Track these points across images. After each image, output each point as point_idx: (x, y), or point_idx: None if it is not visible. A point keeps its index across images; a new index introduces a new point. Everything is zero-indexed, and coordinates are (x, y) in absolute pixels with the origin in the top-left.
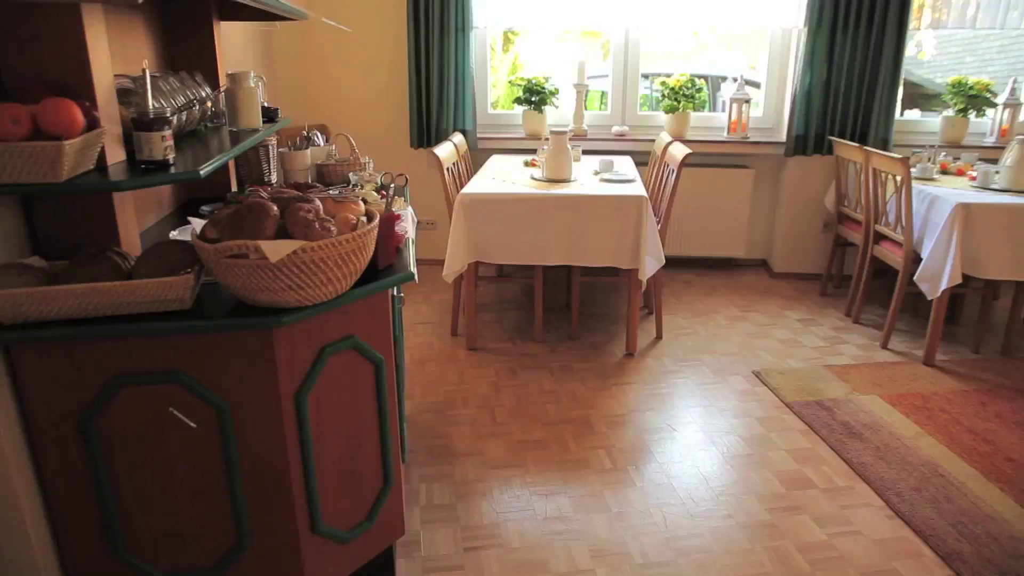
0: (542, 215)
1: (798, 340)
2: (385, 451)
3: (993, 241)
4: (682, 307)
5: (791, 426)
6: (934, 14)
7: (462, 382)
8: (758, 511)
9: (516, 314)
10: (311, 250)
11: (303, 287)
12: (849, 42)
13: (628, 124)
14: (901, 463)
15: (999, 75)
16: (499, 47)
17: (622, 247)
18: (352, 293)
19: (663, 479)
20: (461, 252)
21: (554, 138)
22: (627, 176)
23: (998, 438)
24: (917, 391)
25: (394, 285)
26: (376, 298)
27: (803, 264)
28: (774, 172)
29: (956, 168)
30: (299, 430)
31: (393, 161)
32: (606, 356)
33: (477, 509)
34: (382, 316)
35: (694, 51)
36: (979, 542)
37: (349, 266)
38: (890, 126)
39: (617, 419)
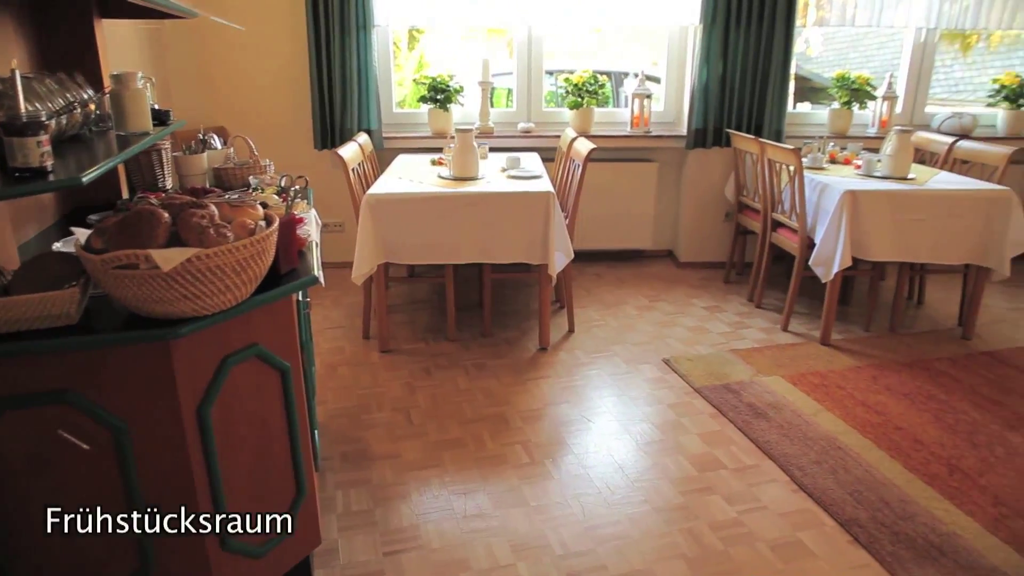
0: (450, 214)
1: (705, 327)
2: (297, 460)
3: (878, 225)
4: (593, 300)
5: (701, 410)
6: (819, 12)
7: (376, 385)
8: (672, 495)
9: (428, 314)
10: (206, 257)
11: (200, 296)
12: (742, 39)
13: (534, 121)
14: (803, 439)
15: (879, 70)
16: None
17: (531, 243)
18: (253, 300)
19: (580, 470)
20: (369, 254)
21: (460, 136)
22: (534, 172)
23: (888, 409)
24: (815, 369)
25: (298, 290)
26: (279, 304)
27: (707, 253)
28: (676, 165)
29: (843, 157)
30: (203, 445)
31: (297, 163)
32: (520, 352)
33: (396, 512)
34: (286, 322)
35: (598, 48)
36: (874, 507)
37: (248, 272)
38: (783, 118)
39: (533, 414)
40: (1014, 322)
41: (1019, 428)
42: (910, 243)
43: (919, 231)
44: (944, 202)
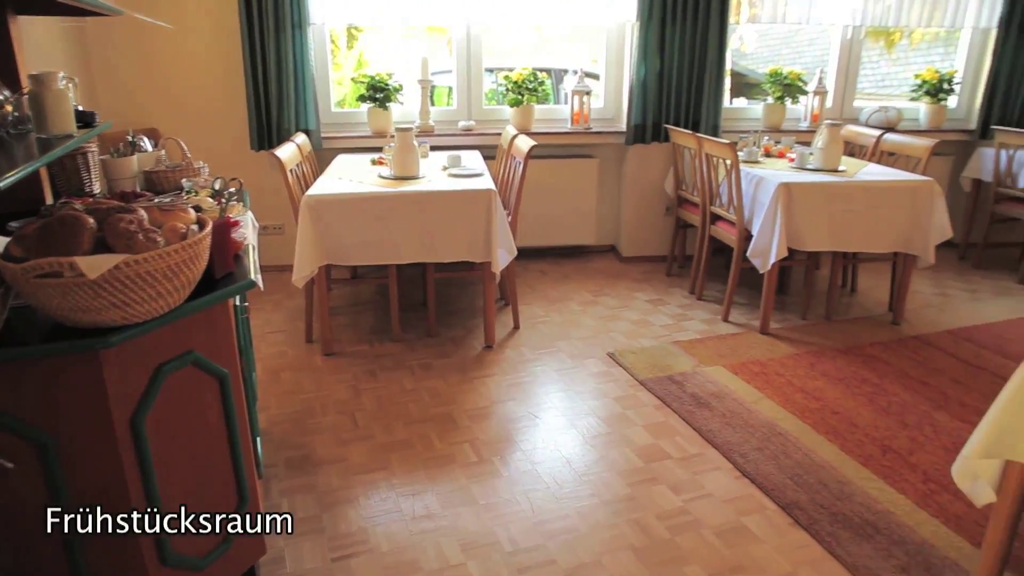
0: (392, 213)
1: (648, 320)
2: (238, 468)
3: (811, 217)
4: (537, 296)
5: (645, 402)
6: (751, 9)
7: (320, 389)
8: (619, 486)
9: (372, 315)
10: (135, 263)
11: (130, 304)
12: (678, 35)
13: (475, 119)
14: (744, 426)
15: (810, 66)
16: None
17: (474, 241)
18: (187, 306)
19: (528, 466)
20: (310, 255)
21: (400, 135)
22: (475, 170)
23: (825, 395)
24: (755, 358)
25: (235, 295)
26: (215, 310)
27: (649, 247)
28: (617, 160)
29: (778, 151)
30: (138, 457)
31: (233, 165)
32: (465, 350)
33: (343, 517)
34: (223, 328)
35: (538, 45)
36: (813, 489)
37: (180, 278)
38: (719, 114)
39: (480, 412)
40: (939, 307)
41: (945, 408)
42: (842, 233)
43: (850, 221)
44: (872, 193)
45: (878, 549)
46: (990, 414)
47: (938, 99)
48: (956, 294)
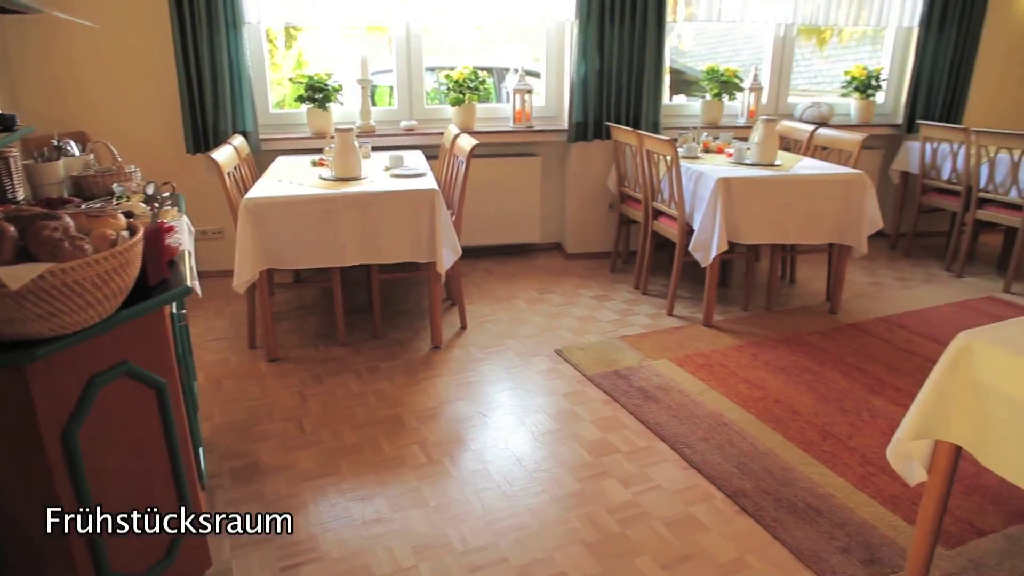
0: (334, 215)
1: (594, 316)
2: (179, 480)
3: (750, 210)
4: (484, 295)
5: (593, 397)
6: (687, 8)
7: (265, 396)
8: (569, 482)
9: (317, 319)
10: (61, 273)
11: (57, 315)
12: (616, 34)
13: (416, 118)
14: (690, 418)
15: (746, 63)
16: (281, 44)
17: (418, 241)
18: (120, 315)
19: (478, 465)
20: (250, 260)
21: (340, 136)
22: (418, 170)
23: (767, 384)
24: (700, 351)
25: (170, 302)
26: (150, 318)
27: (593, 244)
28: (560, 158)
29: (716, 146)
30: (71, 473)
31: (168, 168)
32: (413, 351)
33: (293, 526)
34: (159, 336)
35: (480, 44)
36: (758, 477)
37: (111, 286)
38: (659, 111)
39: (429, 413)
40: (873, 295)
41: (881, 392)
42: (779, 226)
43: (787, 214)
44: (807, 186)
45: (821, 532)
46: (919, 397)
47: (867, 95)
48: (888, 282)
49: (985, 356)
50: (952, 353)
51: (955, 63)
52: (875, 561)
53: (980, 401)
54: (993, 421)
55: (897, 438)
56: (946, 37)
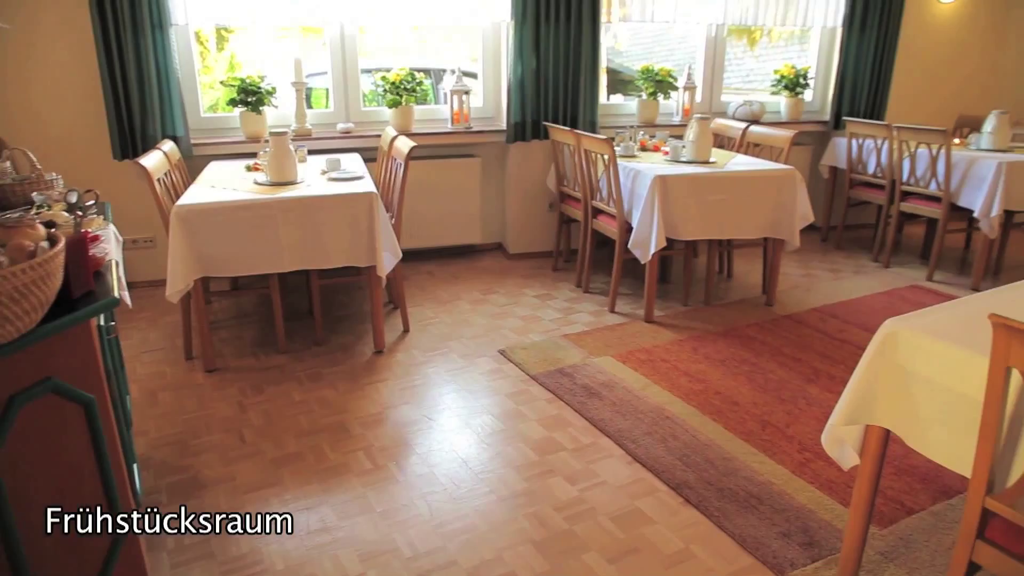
0: (270, 221)
1: (537, 315)
2: (112, 500)
3: (686, 207)
4: (426, 298)
5: (538, 396)
6: (622, 8)
7: (203, 407)
8: (516, 481)
9: (256, 327)
10: None
11: None
12: (552, 34)
13: (353, 121)
14: (634, 413)
15: (682, 62)
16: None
17: (357, 245)
18: (41, 330)
19: (425, 469)
20: (183, 268)
21: (275, 140)
22: (356, 173)
23: (708, 376)
24: (642, 346)
25: (96, 314)
26: (75, 332)
27: (535, 243)
28: (499, 159)
29: (653, 145)
30: None
31: (94, 176)
32: (355, 357)
33: (234, 539)
34: (86, 351)
35: (418, 45)
36: (700, 468)
37: (30, 300)
38: (596, 110)
39: (373, 418)
40: (807, 287)
41: (816, 381)
42: (715, 222)
43: (722, 210)
44: (741, 182)
45: (762, 519)
46: (850, 384)
47: (796, 93)
48: (821, 274)
49: (908, 342)
50: (878, 341)
51: (876, 62)
52: (814, 544)
53: (905, 385)
54: (917, 404)
55: (830, 424)
56: (867, 37)
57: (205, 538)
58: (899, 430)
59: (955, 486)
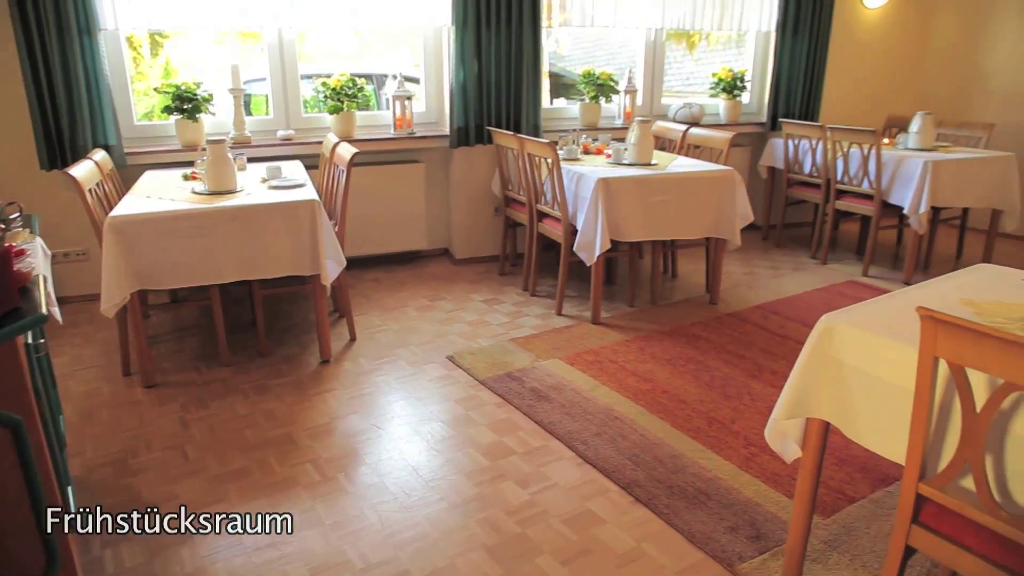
0: (209, 231)
1: (485, 320)
2: (44, 526)
3: (630, 209)
4: (373, 305)
5: (487, 401)
6: (562, 14)
7: (143, 425)
8: (467, 488)
9: (198, 340)
10: None
11: None
12: (494, 39)
13: (294, 127)
14: (583, 414)
15: (623, 66)
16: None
17: (300, 254)
18: None
19: (374, 479)
20: (118, 282)
21: (212, 148)
22: (297, 181)
23: (655, 376)
24: (589, 348)
25: (21, 332)
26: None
27: (481, 248)
28: (443, 164)
29: (595, 148)
30: None
31: (20, 188)
32: (301, 367)
33: (177, 560)
34: (12, 370)
35: (360, 50)
36: (649, 467)
37: None
38: (539, 114)
39: (321, 429)
40: (748, 285)
41: (759, 377)
42: (658, 223)
43: (665, 211)
44: (682, 184)
45: (710, 514)
46: (790, 379)
47: (733, 95)
48: (762, 272)
49: (844, 336)
50: (816, 336)
51: (809, 65)
52: (761, 536)
53: (841, 378)
54: (853, 396)
55: (772, 419)
56: (800, 41)
57: (146, 560)
58: (837, 422)
59: (893, 474)
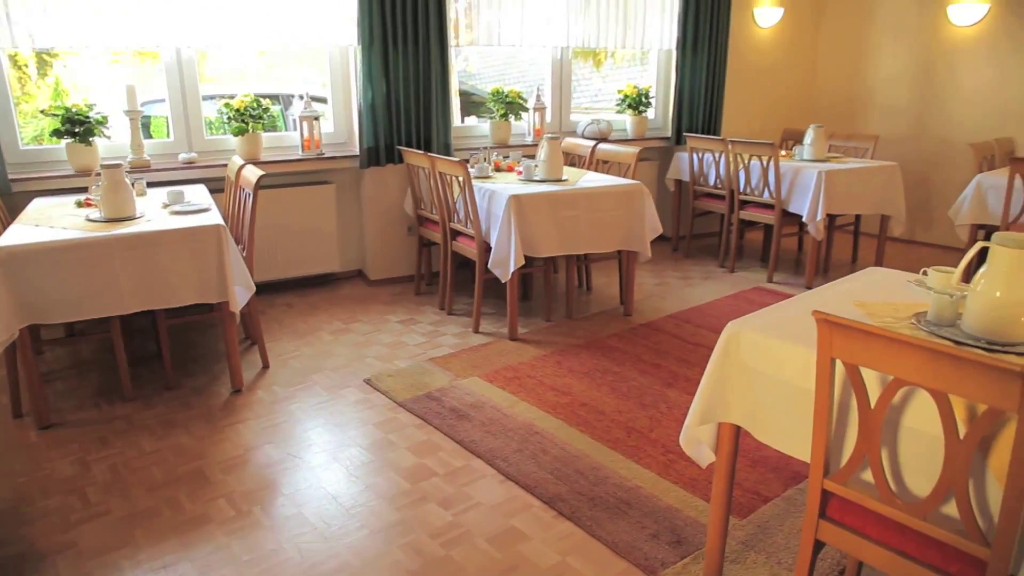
0: (106, 260)
1: (402, 341)
2: None
3: (542, 224)
4: (285, 331)
5: (407, 423)
6: (469, 33)
7: (37, 469)
8: (388, 513)
9: (98, 375)
10: None
11: None
12: (401, 58)
13: (196, 150)
14: (504, 431)
15: (533, 84)
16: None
17: (206, 281)
18: None
19: (292, 510)
20: (6, 317)
21: (107, 173)
22: (201, 205)
23: (573, 389)
24: (508, 364)
25: None
26: None
27: (396, 268)
28: (354, 184)
29: (507, 165)
30: None
31: None
32: (212, 398)
33: None
34: None
35: (265, 70)
36: (571, 480)
37: None
38: (449, 132)
39: (234, 462)
40: (661, 295)
41: (675, 385)
42: (570, 237)
43: (577, 226)
44: (593, 198)
45: (632, 523)
46: (701, 385)
47: (639, 111)
48: (673, 282)
49: (748, 342)
50: (722, 343)
51: (710, 81)
52: (682, 542)
53: (749, 382)
54: (760, 399)
55: (686, 425)
56: (699, 59)
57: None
58: (747, 425)
59: (803, 472)
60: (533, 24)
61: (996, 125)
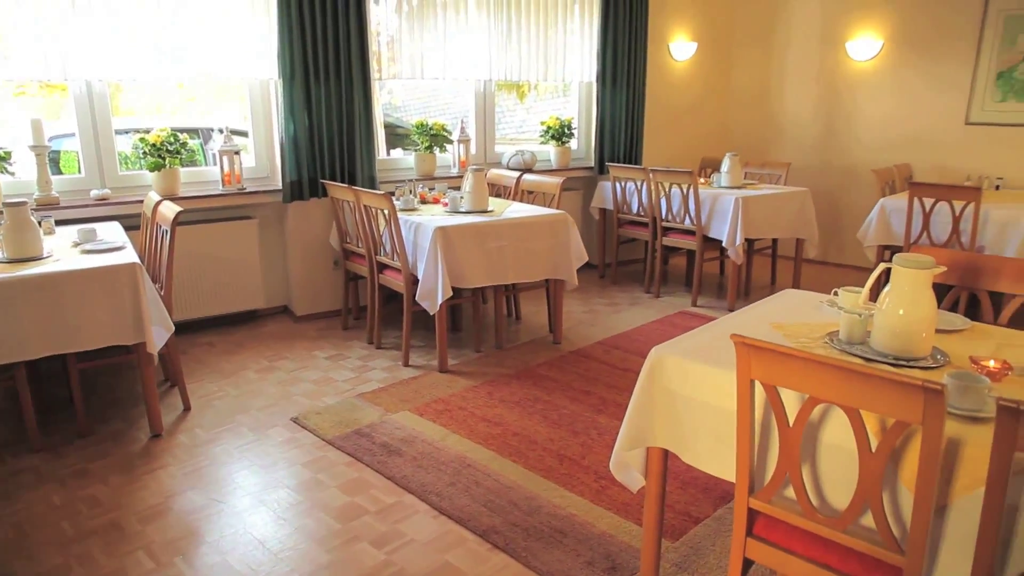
0: (8, 303)
1: (330, 377)
2: None
3: (469, 255)
4: (208, 371)
5: (336, 461)
6: (392, 66)
7: None
8: (319, 555)
9: (2, 425)
10: None
11: None
12: (323, 92)
13: (110, 186)
14: (436, 465)
15: (458, 115)
16: None
17: (121, 322)
18: None
19: (217, 558)
20: None
21: (10, 211)
22: (115, 243)
23: (504, 419)
24: (438, 397)
25: None
26: None
27: (322, 303)
28: (278, 219)
29: (432, 197)
30: None
31: None
32: (129, 444)
33: None
34: None
35: (184, 103)
36: (505, 511)
37: None
38: (374, 165)
39: (153, 511)
40: (589, 322)
41: (605, 411)
42: (498, 268)
43: (503, 256)
44: (518, 228)
45: (567, 551)
46: (628, 411)
47: (562, 142)
48: (601, 309)
49: (671, 366)
50: (647, 368)
51: (630, 112)
52: (616, 567)
53: (673, 406)
54: (685, 422)
55: (615, 451)
56: (619, 91)
57: None
58: (674, 448)
59: (732, 491)
60: (456, 57)
61: (895, 152)
